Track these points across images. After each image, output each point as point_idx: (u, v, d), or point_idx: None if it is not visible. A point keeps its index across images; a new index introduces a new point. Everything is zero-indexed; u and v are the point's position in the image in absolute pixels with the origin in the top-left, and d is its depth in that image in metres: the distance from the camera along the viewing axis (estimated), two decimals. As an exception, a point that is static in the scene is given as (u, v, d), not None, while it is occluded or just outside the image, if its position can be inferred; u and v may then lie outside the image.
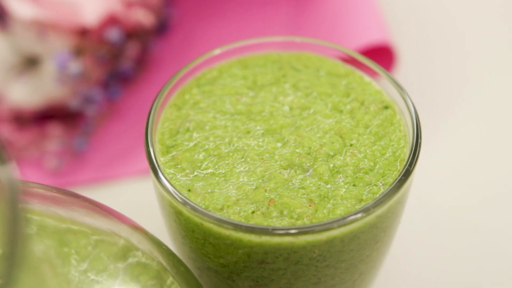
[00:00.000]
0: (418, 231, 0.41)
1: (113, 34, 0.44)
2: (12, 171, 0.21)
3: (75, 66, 0.43)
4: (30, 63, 0.46)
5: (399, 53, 0.47)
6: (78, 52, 0.44)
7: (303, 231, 0.27)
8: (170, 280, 0.30)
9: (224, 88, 0.33)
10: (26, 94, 0.46)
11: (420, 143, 0.30)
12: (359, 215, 0.27)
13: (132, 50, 0.47)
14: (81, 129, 0.46)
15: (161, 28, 0.51)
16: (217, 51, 0.33)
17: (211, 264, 0.30)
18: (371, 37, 0.43)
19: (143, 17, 0.45)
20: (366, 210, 0.28)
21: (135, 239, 0.30)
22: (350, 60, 0.33)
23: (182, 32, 0.51)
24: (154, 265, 0.30)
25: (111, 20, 0.44)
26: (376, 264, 0.32)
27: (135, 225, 0.31)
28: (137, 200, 0.41)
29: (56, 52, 0.43)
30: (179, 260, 0.31)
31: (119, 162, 0.45)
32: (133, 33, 0.46)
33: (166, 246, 0.31)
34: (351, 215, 0.27)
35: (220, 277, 0.31)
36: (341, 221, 0.27)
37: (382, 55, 0.44)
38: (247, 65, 0.34)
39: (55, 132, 0.46)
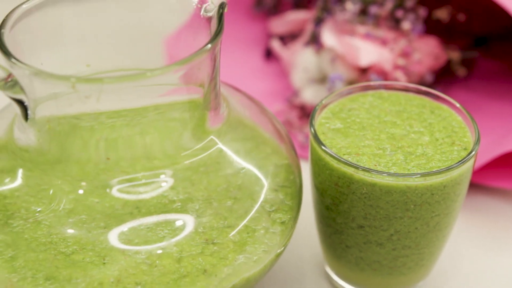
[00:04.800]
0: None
1: (375, 78, 0.66)
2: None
3: (339, 85, 0.66)
4: (322, 77, 0.71)
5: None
6: (348, 81, 0.67)
7: (358, 167, 0.46)
8: (286, 180, 0.50)
9: (383, 103, 0.53)
10: (311, 96, 0.70)
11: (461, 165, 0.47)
12: (394, 174, 0.46)
13: (385, 96, 0.68)
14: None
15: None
16: (391, 83, 0.54)
17: (315, 181, 0.51)
18: None
19: (400, 77, 0.67)
20: (399, 175, 0.46)
21: (291, 159, 0.52)
22: (466, 119, 0.51)
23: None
24: (286, 171, 0.50)
25: (377, 69, 0.67)
26: (410, 235, 0.49)
27: (295, 153, 0.53)
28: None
29: (334, 73, 0.67)
30: (300, 177, 0.51)
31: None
32: (389, 85, 0.68)
33: (299, 169, 0.52)
34: (388, 172, 0.46)
35: (318, 193, 0.51)
36: (379, 173, 0.46)
37: None
38: (407, 98, 0.53)
39: (315, 124, 0.70)
